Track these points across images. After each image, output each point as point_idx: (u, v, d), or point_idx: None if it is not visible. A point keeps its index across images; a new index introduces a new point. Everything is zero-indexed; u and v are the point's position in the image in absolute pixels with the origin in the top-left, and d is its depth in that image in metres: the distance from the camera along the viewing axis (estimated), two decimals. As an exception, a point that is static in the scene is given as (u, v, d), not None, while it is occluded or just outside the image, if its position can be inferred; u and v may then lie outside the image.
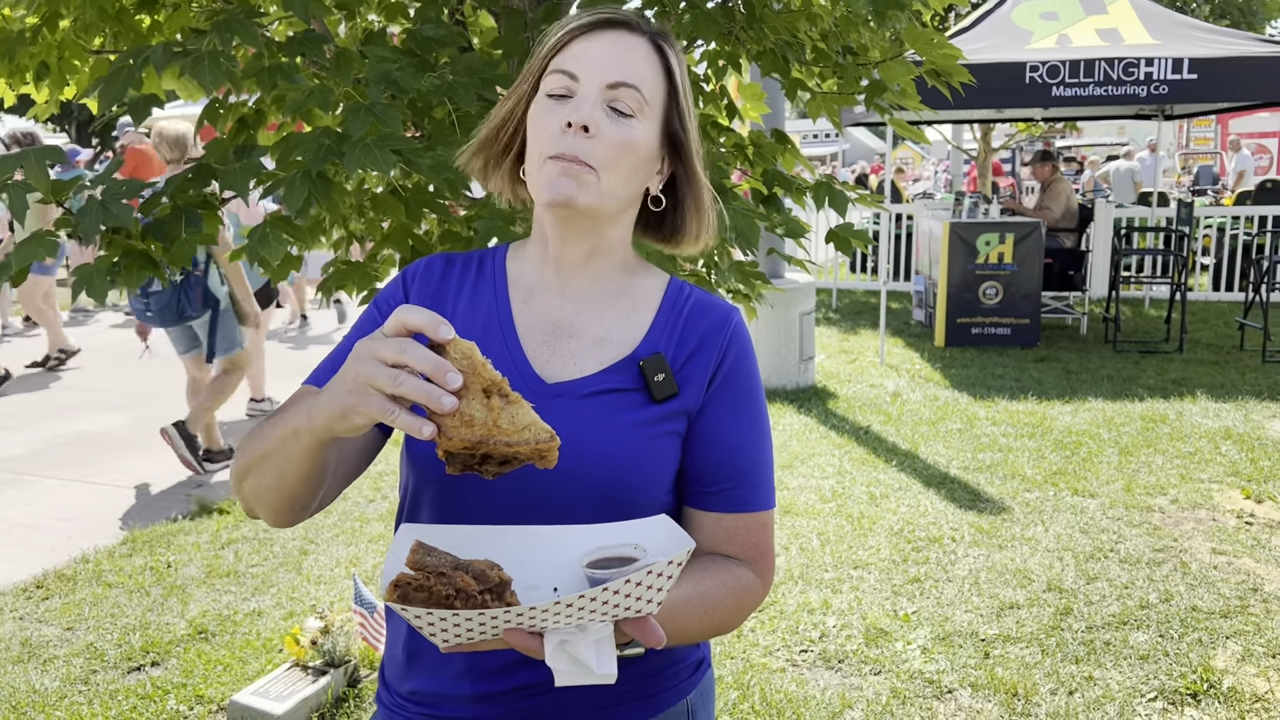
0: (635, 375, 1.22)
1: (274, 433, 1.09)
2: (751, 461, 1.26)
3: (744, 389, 1.26)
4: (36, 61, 2.43)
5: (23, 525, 4.88)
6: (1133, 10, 8.72)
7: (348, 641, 3.38)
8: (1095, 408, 6.84)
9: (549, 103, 1.18)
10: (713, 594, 1.18)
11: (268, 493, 1.13)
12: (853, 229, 2.33)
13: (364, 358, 0.92)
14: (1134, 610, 3.86)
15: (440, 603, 0.89)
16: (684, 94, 1.24)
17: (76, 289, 1.93)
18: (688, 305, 1.29)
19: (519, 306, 1.27)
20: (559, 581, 1.06)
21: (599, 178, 1.16)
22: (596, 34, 1.20)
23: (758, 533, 1.26)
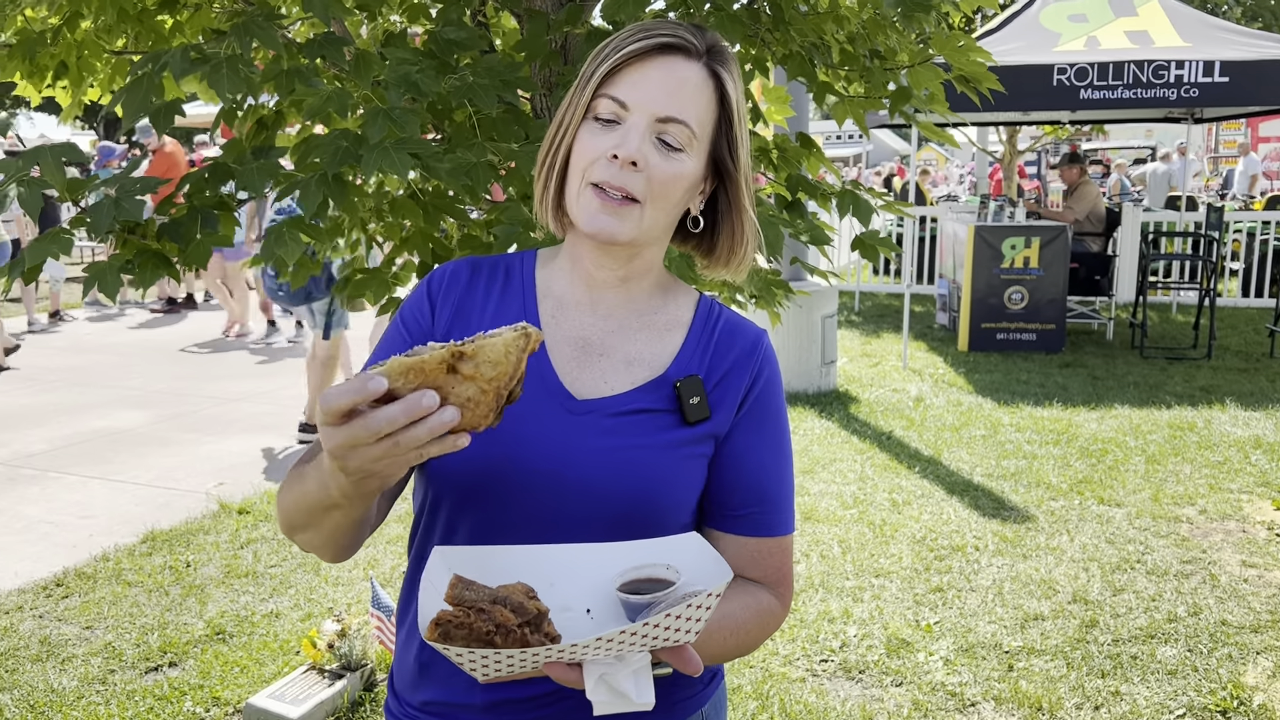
0: (668, 396, 1.21)
1: (309, 494, 1.05)
2: (776, 486, 1.25)
3: (771, 414, 1.26)
4: (56, 61, 2.42)
5: (44, 522, 4.89)
6: (1163, 12, 8.60)
7: (364, 645, 3.36)
8: (1122, 415, 6.75)
9: (596, 126, 1.16)
10: (738, 617, 1.18)
11: (324, 543, 1.13)
12: (879, 236, 2.29)
13: (346, 452, 0.88)
14: (1162, 623, 3.80)
15: (481, 640, 0.90)
16: (737, 120, 1.20)
17: (88, 285, 1.92)
18: (718, 327, 1.28)
19: (547, 320, 1.25)
20: (591, 603, 1.06)
21: (643, 212, 1.16)
22: (650, 60, 1.15)
23: (779, 557, 1.26)
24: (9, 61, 2.47)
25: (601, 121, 1.15)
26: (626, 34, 1.16)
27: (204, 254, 1.85)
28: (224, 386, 7.75)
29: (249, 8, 2.28)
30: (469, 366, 0.88)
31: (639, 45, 1.14)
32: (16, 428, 6.58)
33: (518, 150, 2.01)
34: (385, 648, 3.42)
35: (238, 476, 5.57)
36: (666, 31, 1.15)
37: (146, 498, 5.25)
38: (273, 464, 5.79)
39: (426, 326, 1.25)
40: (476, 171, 1.85)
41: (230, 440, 6.30)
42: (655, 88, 1.14)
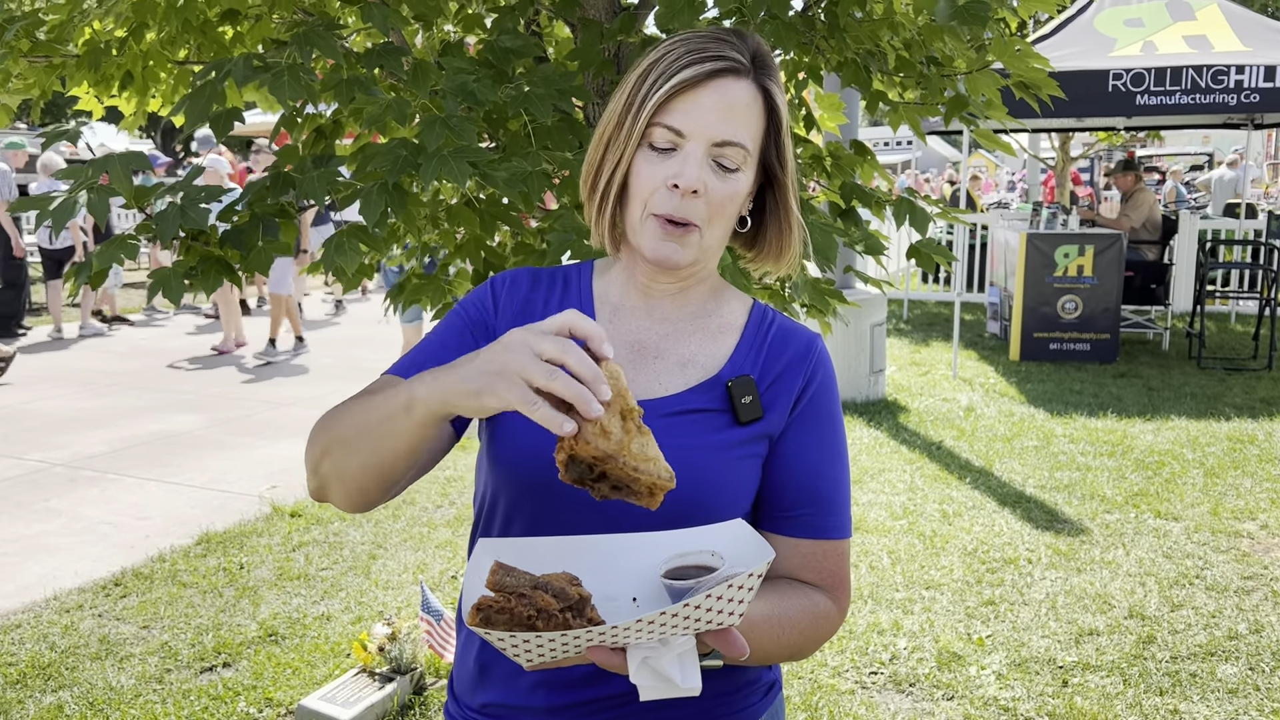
0: (721, 396, 1.22)
1: (374, 408, 1.07)
2: (831, 489, 1.25)
3: (826, 416, 1.26)
4: (122, 72, 2.48)
5: (104, 523, 5.00)
6: (1222, 16, 8.44)
7: (414, 648, 3.39)
8: (1179, 427, 6.62)
9: (653, 155, 1.17)
10: (790, 615, 1.17)
11: (358, 470, 1.10)
12: (935, 245, 2.26)
13: (517, 346, 0.91)
14: (1222, 641, 3.71)
15: (522, 624, 0.90)
16: (784, 126, 1.21)
17: (152, 291, 1.96)
18: (772, 330, 1.29)
19: (604, 324, 1.27)
20: (637, 591, 1.06)
21: (702, 234, 1.18)
22: (703, 86, 1.16)
23: (835, 560, 1.25)
24: (77, 71, 2.53)
25: (657, 150, 1.16)
26: (674, 56, 1.16)
27: (266, 261, 1.88)
28: (275, 391, 7.87)
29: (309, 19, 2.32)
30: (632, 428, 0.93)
31: (691, 73, 1.15)
32: (76, 430, 6.73)
33: (572, 159, 2.02)
34: (435, 652, 3.44)
35: (289, 480, 5.65)
36: (714, 53, 1.16)
37: (201, 500, 5.34)
38: (324, 468, 5.86)
39: (489, 317, 1.27)
40: (532, 180, 1.86)
41: (282, 444, 6.39)
42: (710, 114, 1.15)
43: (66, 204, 1.67)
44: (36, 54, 2.57)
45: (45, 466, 5.91)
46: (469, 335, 1.26)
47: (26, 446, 6.33)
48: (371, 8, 1.89)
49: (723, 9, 2.15)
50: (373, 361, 9.04)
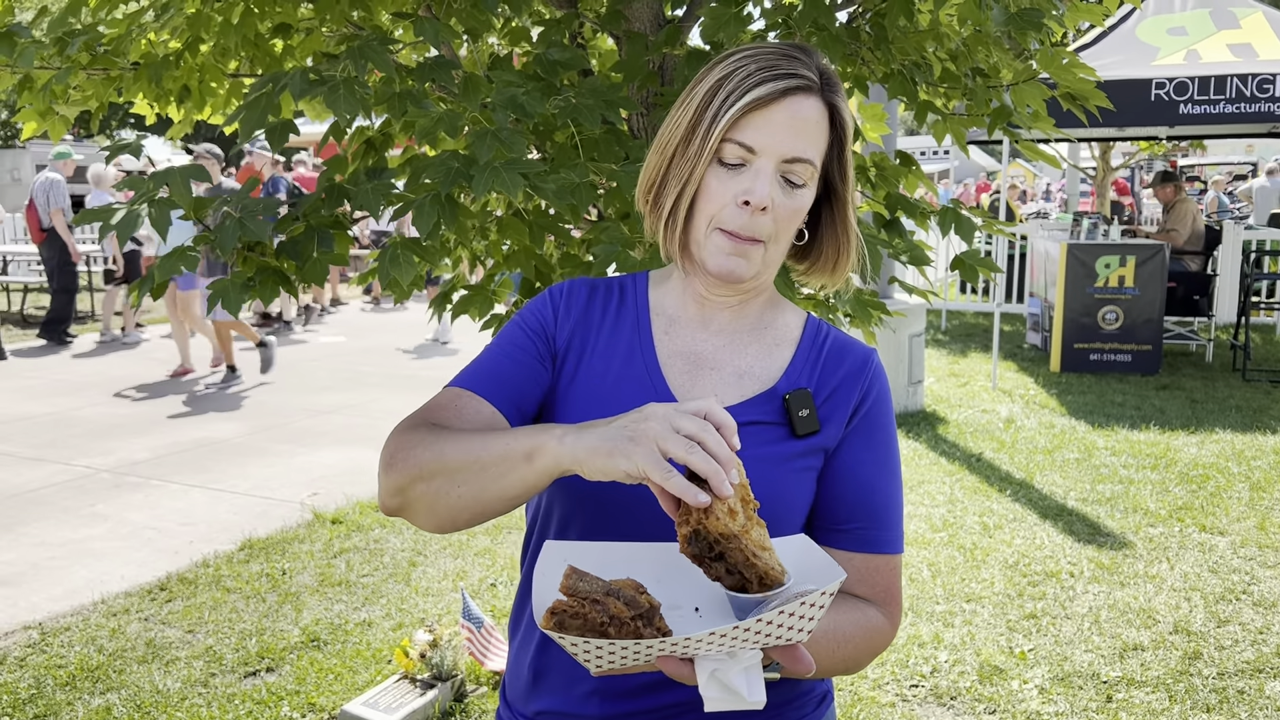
0: (777, 409, 1.23)
1: (487, 447, 1.06)
2: (884, 503, 1.25)
3: (881, 430, 1.27)
4: (179, 85, 2.53)
5: (149, 528, 5.07)
6: (1267, 24, 8.33)
7: (455, 655, 3.41)
8: (1223, 440, 6.52)
9: (723, 171, 1.17)
10: (845, 630, 1.17)
11: (456, 501, 1.09)
12: (979, 256, 2.26)
13: (658, 418, 0.94)
14: (1270, 657, 3.65)
15: (595, 630, 0.91)
16: (847, 141, 1.22)
17: (212, 302, 2.00)
18: (827, 344, 1.30)
19: (660, 336, 1.29)
20: (699, 600, 1.07)
21: (766, 249, 1.19)
22: (776, 104, 1.16)
23: (888, 575, 1.25)
24: (134, 83, 2.58)
25: (728, 165, 1.17)
26: (746, 72, 1.16)
27: (321, 272, 1.91)
28: (316, 399, 7.95)
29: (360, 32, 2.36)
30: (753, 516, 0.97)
31: (766, 90, 1.15)
32: (122, 436, 6.84)
33: (618, 170, 2.04)
34: (475, 659, 3.46)
35: (330, 487, 5.71)
36: (786, 70, 1.16)
37: (244, 506, 5.41)
38: (364, 475, 5.91)
39: (549, 328, 1.29)
40: (580, 191, 1.88)
41: (323, 452, 6.46)
42: (782, 131, 1.16)
43: (130, 216, 1.71)
44: (95, 67, 2.63)
45: (91, 472, 6.02)
46: (530, 343, 1.27)
47: (73, 452, 6.44)
48: (424, 22, 1.92)
49: (768, 21, 2.16)
50: (415, 369, 9.11)
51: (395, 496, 1.14)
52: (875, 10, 2.25)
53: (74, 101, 2.76)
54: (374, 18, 2.51)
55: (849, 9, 2.31)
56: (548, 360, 1.27)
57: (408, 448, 1.13)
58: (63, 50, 2.36)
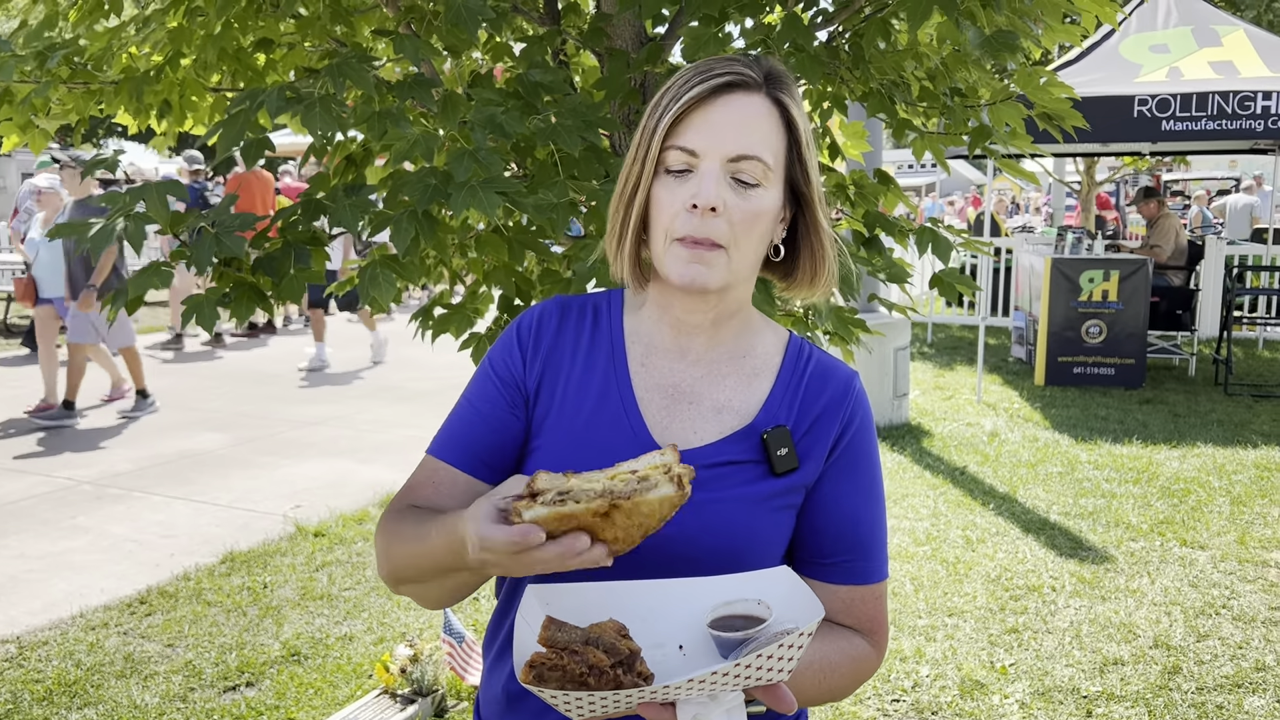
0: (756, 446, 1.21)
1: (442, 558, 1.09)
2: (868, 534, 1.24)
3: (863, 460, 1.25)
4: (160, 99, 2.53)
5: (130, 541, 5.04)
6: (1249, 42, 8.41)
7: (436, 670, 3.40)
8: (1205, 454, 6.56)
9: (670, 180, 1.15)
10: (831, 660, 1.17)
11: (440, 593, 1.16)
12: (957, 274, 2.27)
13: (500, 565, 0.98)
14: (1249, 672, 3.67)
15: (575, 681, 0.92)
16: (805, 141, 1.19)
17: (186, 317, 2.00)
18: (808, 370, 1.27)
19: (636, 367, 1.25)
20: (684, 638, 1.06)
21: (729, 255, 1.15)
22: (712, 102, 1.14)
23: (873, 604, 1.25)
24: (115, 97, 2.58)
25: (674, 174, 1.14)
26: (682, 80, 1.16)
27: (298, 288, 1.91)
28: (300, 410, 7.93)
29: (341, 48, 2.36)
30: (621, 517, 0.93)
31: (698, 90, 1.13)
32: (104, 447, 6.80)
33: (598, 188, 2.04)
34: (456, 674, 3.45)
35: (313, 499, 5.69)
36: (721, 69, 1.15)
37: (226, 518, 5.39)
38: (347, 487, 5.90)
39: (518, 375, 1.26)
40: (559, 210, 1.89)
41: (306, 464, 6.44)
42: (722, 129, 1.13)
43: (104, 231, 1.70)
44: (76, 80, 2.63)
45: (72, 484, 5.98)
46: (500, 394, 1.25)
47: (54, 463, 6.41)
48: (404, 39, 1.93)
49: (749, 41, 2.18)
50: (399, 380, 9.09)
51: (392, 586, 1.21)
52: (854, 30, 2.26)
53: (55, 115, 2.75)
54: (355, 34, 2.52)
55: (828, 29, 2.32)
56: (519, 408, 1.25)
57: (384, 548, 1.20)
58: (43, 64, 2.35)
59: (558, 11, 2.62)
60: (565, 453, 1.21)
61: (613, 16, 2.37)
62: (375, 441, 6.96)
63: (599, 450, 1.19)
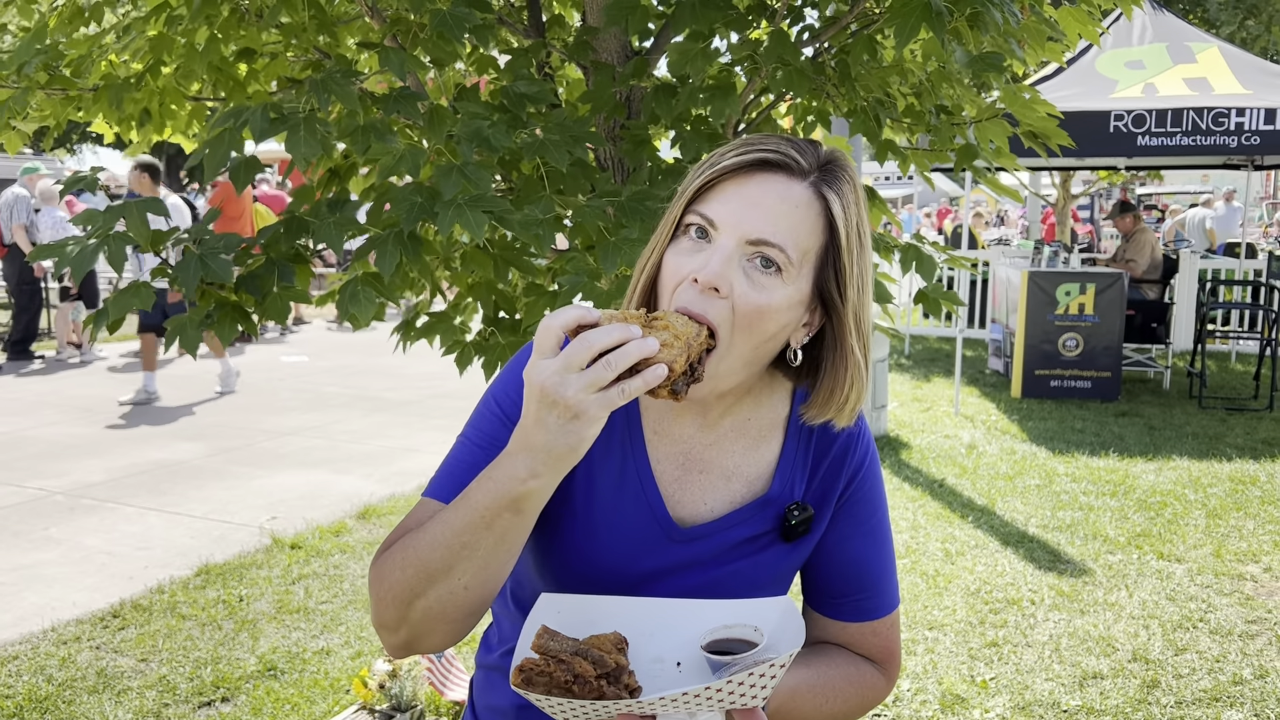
0: (771, 517, 1.19)
1: (466, 526, 0.97)
2: (877, 572, 1.25)
3: (869, 501, 1.25)
4: (139, 108, 2.50)
5: (102, 553, 4.98)
6: (1222, 59, 8.52)
7: (414, 686, 3.36)
8: (1180, 467, 6.61)
9: (685, 245, 1.06)
10: (835, 684, 1.18)
11: (465, 595, 1.01)
12: (941, 290, 2.28)
13: (559, 380, 0.90)
14: (1226, 686, 3.69)
15: (560, 688, 0.96)
16: (847, 247, 1.07)
17: (169, 340, 1.96)
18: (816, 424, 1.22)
19: (650, 435, 1.19)
20: (683, 656, 1.10)
21: (720, 350, 1.04)
22: (748, 177, 1.05)
23: (885, 636, 1.26)
24: (94, 104, 2.55)
25: (691, 240, 1.06)
26: (728, 147, 1.07)
27: (282, 307, 1.88)
28: (277, 420, 7.86)
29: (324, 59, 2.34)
30: (661, 322, 0.97)
31: (736, 160, 1.05)
32: (76, 458, 6.72)
33: (584, 204, 2.03)
34: (435, 689, 3.42)
35: (290, 511, 5.63)
36: (768, 147, 1.05)
37: (201, 530, 5.32)
38: (324, 499, 5.84)
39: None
40: (545, 225, 1.88)
41: (283, 474, 6.38)
42: (748, 207, 1.03)
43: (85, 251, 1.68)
44: (54, 86, 2.59)
45: (44, 495, 5.90)
46: (506, 432, 1.13)
47: (26, 474, 6.32)
48: (389, 52, 1.91)
49: (735, 56, 2.17)
50: (379, 390, 9.04)
51: (399, 632, 1.04)
52: (840, 46, 2.27)
53: (32, 119, 2.72)
54: (339, 45, 2.50)
55: (814, 45, 2.33)
56: None
57: (384, 579, 1.04)
58: (20, 70, 2.32)
59: (542, 24, 2.61)
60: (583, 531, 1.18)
61: (599, 30, 2.36)
62: (352, 452, 6.91)
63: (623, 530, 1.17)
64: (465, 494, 1.00)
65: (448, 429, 7.02)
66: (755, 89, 2.33)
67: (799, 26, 2.37)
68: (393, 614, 1.03)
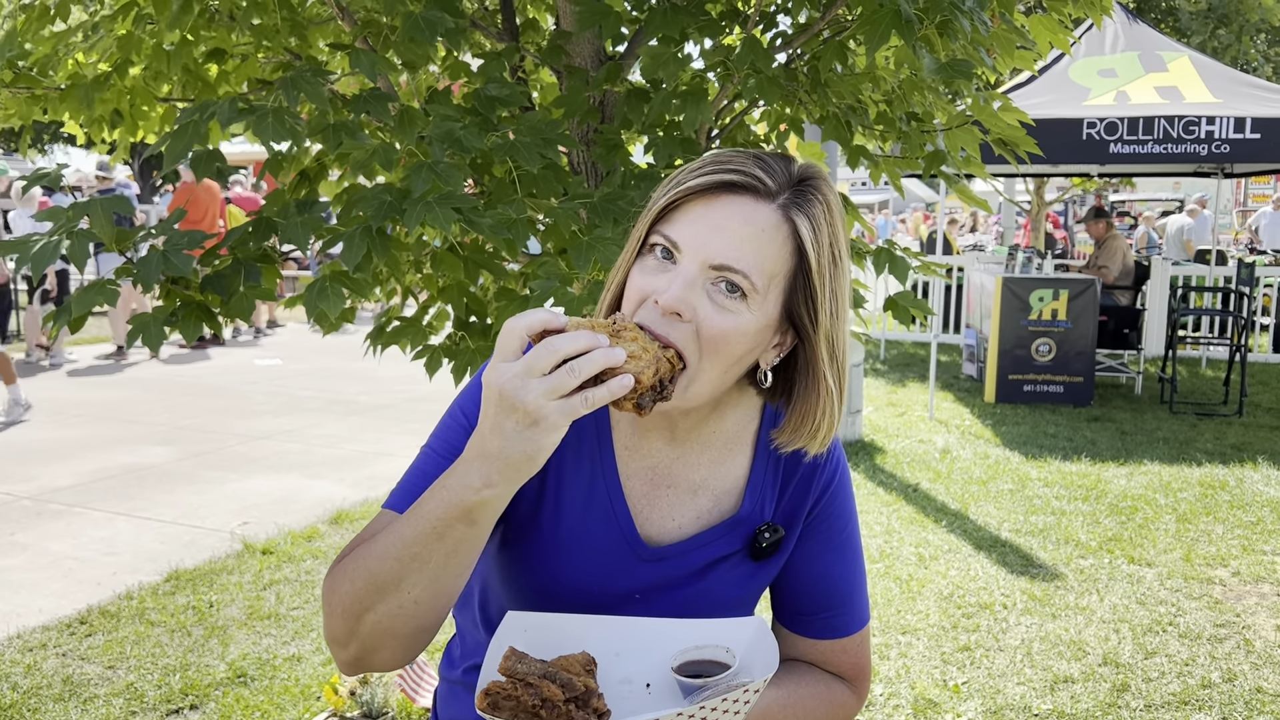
0: (740, 536, 1.18)
1: (416, 538, 0.94)
2: (846, 589, 1.24)
3: (838, 518, 1.24)
4: (110, 109, 2.48)
5: (70, 558, 4.91)
6: (1194, 68, 8.62)
7: (386, 693, 3.34)
8: (1151, 471, 6.67)
9: (650, 265, 1.04)
10: (805, 704, 1.18)
11: (416, 610, 0.97)
12: (912, 298, 2.29)
13: (520, 384, 0.86)
14: (1195, 690, 3.72)
15: (527, 712, 0.94)
16: (818, 270, 1.04)
17: (131, 337, 1.94)
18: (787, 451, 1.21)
19: (621, 450, 1.18)
20: (652, 678, 1.09)
21: (687, 374, 1.02)
22: (714, 199, 1.02)
23: (854, 652, 1.25)
24: (61, 104, 2.52)
25: (656, 260, 1.04)
26: (694, 165, 1.05)
27: (248, 306, 1.87)
28: (249, 424, 7.80)
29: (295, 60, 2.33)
30: (630, 333, 0.94)
31: (700, 181, 1.02)
32: (44, 462, 6.63)
33: (557, 207, 2.03)
34: (407, 696, 3.39)
35: (261, 516, 5.58)
36: (734, 168, 1.03)
37: (171, 535, 5.27)
38: (296, 504, 5.80)
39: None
40: (517, 227, 1.87)
41: (255, 479, 6.33)
42: (711, 230, 1.01)
43: (47, 248, 1.65)
44: (19, 85, 2.56)
45: (11, 499, 5.82)
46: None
47: (-7, 478, 6.24)
48: (360, 54, 1.90)
49: (708, 62, 2.17)
50: (353, 394, 8.98)
51: (349, 647, 1.01)
52: (812, 54, 2.27)
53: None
54: (310, 46, 2.48)
55: (786, 51, 2.33)
56: None
57: (335, 591, 1.01)
58: (-16, 70, 2.29)
59: (516, 28, 2.61)
60: (550, 548, 1.16)
61: (572, 34, 2.36)
62: (325, 457, 6.86)
63: (592, 548, 1.16)
64: (418, 504, 0.97)
65: (422, 433, 6.98)
66: (728, 95, 2.33)
67: (771, 33, 2.37)
68: (342, 628, 1.00)
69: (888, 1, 1.72)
